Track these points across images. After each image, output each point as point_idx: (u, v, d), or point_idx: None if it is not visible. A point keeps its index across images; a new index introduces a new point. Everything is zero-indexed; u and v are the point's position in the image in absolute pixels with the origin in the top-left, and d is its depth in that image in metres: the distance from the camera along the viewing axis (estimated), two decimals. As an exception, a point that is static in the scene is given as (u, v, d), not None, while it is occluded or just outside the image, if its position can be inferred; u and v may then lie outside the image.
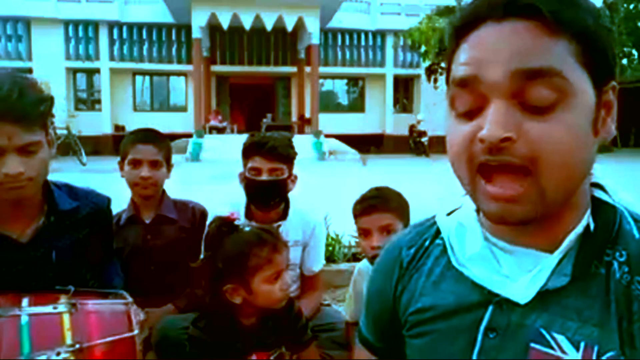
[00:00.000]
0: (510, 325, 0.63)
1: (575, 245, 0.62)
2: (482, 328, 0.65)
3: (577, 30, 0.57)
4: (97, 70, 18.15)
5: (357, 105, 20.60)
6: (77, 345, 1.17)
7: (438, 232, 0.76)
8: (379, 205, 1.65)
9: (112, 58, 18.18)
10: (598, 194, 0.67)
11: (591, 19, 0.58)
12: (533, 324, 0.61)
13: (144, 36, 18.37)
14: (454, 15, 0.65)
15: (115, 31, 18.19)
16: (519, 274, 0.64)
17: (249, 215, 1.94)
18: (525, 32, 0.56)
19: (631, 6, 24.58)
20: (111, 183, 2.33)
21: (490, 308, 0.64)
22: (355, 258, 3.47)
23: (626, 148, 18.85)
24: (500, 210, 0.59)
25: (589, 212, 0.64)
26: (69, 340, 1.18)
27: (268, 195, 1.88)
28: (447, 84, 0.66)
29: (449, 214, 0.76)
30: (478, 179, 0.60)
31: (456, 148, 0.62)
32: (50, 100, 1.31)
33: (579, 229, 0.62)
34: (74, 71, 18.38)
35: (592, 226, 0.62)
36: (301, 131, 16.45)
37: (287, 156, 1.90)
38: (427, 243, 0.77)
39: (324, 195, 5.43)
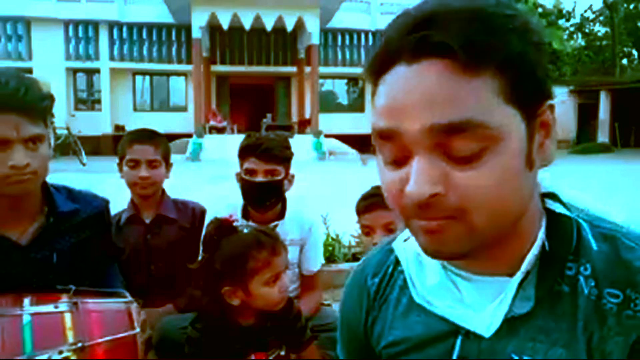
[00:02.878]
0: (482, 353, 0.61)
1: (535, 266, 0.60)
2: (454, 358, 0.64)
3: (499, 60, 0.51)
4: (97, 70, 18.15)
5: (357, 105, 20.59)
6: (79, 344, 1.17)
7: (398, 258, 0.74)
8: (381, 202, 1.65)
9: (112, 58, 18.18)
10: (552, 206, 0.63)
11: (518, 41, 0.52)
12: (504, 350, 0.60)
13: (144, 36, 18.38)
14: (369, 54, 0.60)
15: (115, 31, 18.19)
16: (482, 302, 0.62)
17: (246, 215, 1.95)
18: (439, 76, 0.51)
19: (631, 6, 24.61)
20: (111, 183, 2.33)
21: (460, 338, 0.63)
22: (355, 258, 3.48)
23: (626, 148, 18.84)
24: (430, 242, 0.57)
25: (542, 230, 0.61)
26: (70, 339, 1.18)
27: (264, 196, 1.88)
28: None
29: (406, 240, 0.73)
30: (412, 220, 0.58)
31: (388, 195, 0.59)
32: (51, 98, 1.35)
33: (535, 249, 0.60)
34: (74, 71, 18.38)
35: (547, 245, 0.60)
36: (301, 131, 16.45)
37: (283, 157, 1.90)
38: (390, 270, 0.74)
39: (324, 195, 5.43)
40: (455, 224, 0.55)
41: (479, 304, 0.62)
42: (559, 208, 0.63)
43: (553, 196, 0.64)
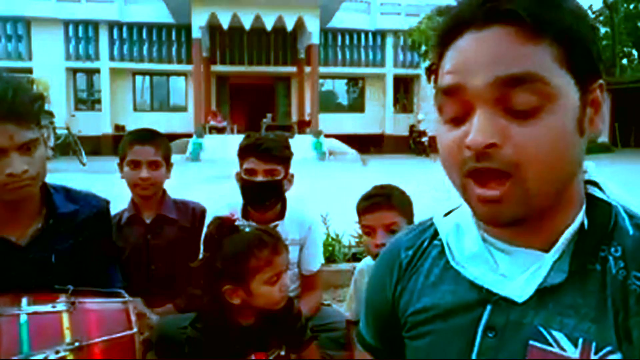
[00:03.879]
0: (509, 324, 0.63)
1: (571, 243, 0.63)
2: (480, 327, 0.65)
3: (558, 32, 0.57)
4: (97, 70, 18.15)
5: (357, 105, 20.59)
6: (77, 344, 1.17)
7: (436, 233, 0.77)
8: (382, 203, 1.65)
9: (112, 58, 18.17)
10: (593, 191, 0.67)
11: (573, 19, 0.58)
12: (532, 322, 0.62)
13: (144, 36, 18.37)
14: (438, 22, 0.65)
15: (115, 31, 18.19)
16: (516, 273, 0.65)
17: (246, 215, 1.94)
18: (506, 39, 0.57)
19: (631, 6, 24.60)
20: (111, 183, 2.33)
21: (489, 307, 0.65)
22: (355, 258, 3.47)
23: (626, 148, 18.83)
24: (487, 211, 0.60)
25: (583, 209, 0.65)
26: (68, 339, 1.18)
27: (263, 196, 1.88)
28: (435, 89, 0.68)
29: (446, 215, 0.77)
30: (468, 181, 0.61)
31: (446, 154, 0.63)
32: (41, 98, 1.33)
33: (574, 226, 0.63)
34: (74, 71, 18.38)
35: (586, 223, 0.63)
36: (301, 131, 16.45)
37: (283, 157, 1.90)
38: (425, 244, 0.77)
39: (324, 195, 5.43)
40: (510, 188, 0.58)
41: (513, 274, 0.65)
42: (599, 194, 0.67)
43: (595, 184, 0.69)
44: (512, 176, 0.58)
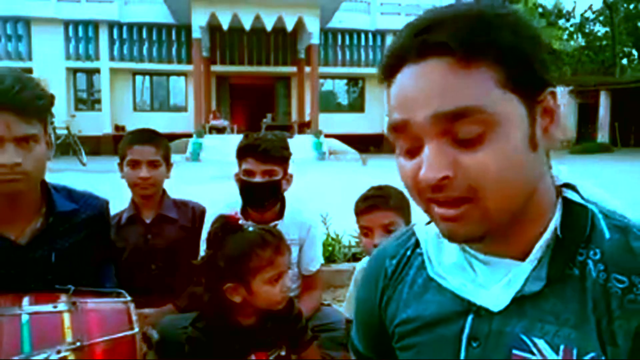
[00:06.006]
0: (491, 333, 0.64)
1: (548, 249, 0.63)
2: (464, 338, 0.66)
3: (496, 54, 0.56)
4: (97, 70, 18.17)
5: (357, 105, 20.61)
6: (78, 344, 1.17)
7: (418, 241, 0.77)
8: (380, 203, 1.65)
9: (112, 58, 18.19)
10: (569, 195, 0.67)
11: (512, 35, 0.57)
12: (513, 330, 0.62)
13: (144, 36, 18.39)
14: (382, 58, 0.66)
15: (115, 31, 18.20)
16: (494, 282, 0.65)
17: (245, 215, 1.94)
18: (441, 72, 0.57)
19: (631, 6, 24.61)
20: (111, 183, 2.33)
21: (470, 317, 0.66)
22: (355, 258, 3.48)
23: (626, 148, 18.84)
24: (447, 229, 0.62)
25: (557, 215, 0.64)
26: (69, 339, 1.18)
27: (262, 197, 1.88)
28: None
29: (427, 224, 0.76)
30: (430, 204, 0.63)
31: (405, 183, 0.65)
32: (50, 97, 1.33)
33: (548, 234, 0.63)
34: (74, 71, 18.39)
35: (559, 230, 0.63)
36: (301, 131, 16.46)
37: (281, 157, 1.89)
38: (408, 253, 0.78)
39: (324, 195, 5.44)
40: (470, 209, 0.59)
41: (491, 283, 0.66)
42: (575, 197, 0.66)
43: (571, 187, 0.68)
44: (471, 199, 0.59)
